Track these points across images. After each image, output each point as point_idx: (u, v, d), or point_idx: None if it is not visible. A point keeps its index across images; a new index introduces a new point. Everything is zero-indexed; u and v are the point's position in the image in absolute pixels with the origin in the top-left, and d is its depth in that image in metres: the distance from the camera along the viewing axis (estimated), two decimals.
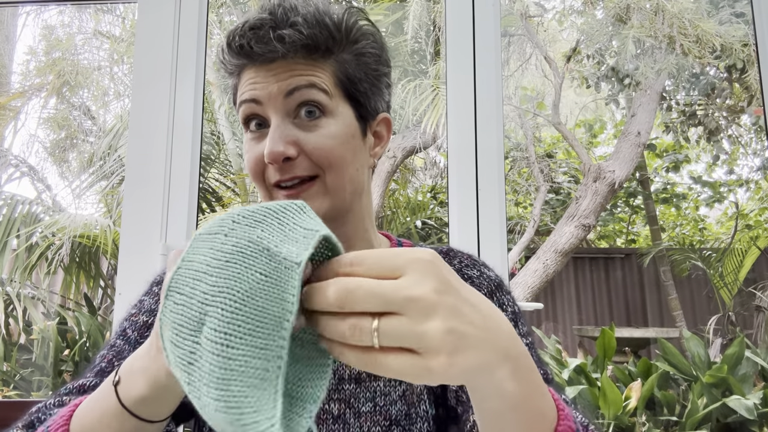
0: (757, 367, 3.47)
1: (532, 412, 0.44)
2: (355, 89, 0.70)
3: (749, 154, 6.20)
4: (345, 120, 0.69)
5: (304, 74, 0.67)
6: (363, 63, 0.71)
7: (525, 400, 0.43)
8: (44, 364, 3.66)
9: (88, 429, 0.51)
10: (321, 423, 0.69)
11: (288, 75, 0.66)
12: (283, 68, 0.67)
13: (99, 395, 0.52)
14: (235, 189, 4.99)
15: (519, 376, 0.42)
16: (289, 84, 0.66)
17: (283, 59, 0.67)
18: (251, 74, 0.68)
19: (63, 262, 4.01)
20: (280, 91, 0.66)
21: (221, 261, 0.39)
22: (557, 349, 3.95)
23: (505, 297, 0.74)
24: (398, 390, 0.70)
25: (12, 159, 4.68)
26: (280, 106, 0.67)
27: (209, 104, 4.63)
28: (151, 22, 1.72)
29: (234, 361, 0.36)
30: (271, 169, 0.67)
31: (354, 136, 0.70)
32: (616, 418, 3.18)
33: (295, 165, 0.66)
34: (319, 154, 0.66)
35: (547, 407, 0.46)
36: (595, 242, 7.11)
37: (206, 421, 0.37)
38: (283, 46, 0.65)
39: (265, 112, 0.68)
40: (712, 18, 4.37)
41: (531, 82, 5.58)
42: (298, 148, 0.66)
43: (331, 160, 0.67)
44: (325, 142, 0.67)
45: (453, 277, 0.40)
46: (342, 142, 0.68)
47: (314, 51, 0.67)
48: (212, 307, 0.38)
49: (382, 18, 4.37)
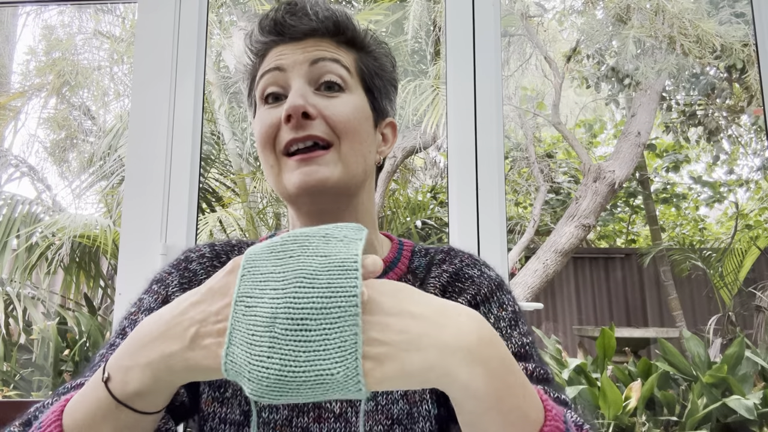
0: (757, 367, 3.47)
1: (512, 413, 0.45)
2: (372, 82, 0.74)
3: (749, 154, 6.21)
4: (362, 101, 0.72)
5: (331, 50, 0.71)
6: (381, 64, 0.76)
7: (500, 400, 0.44)
8: (44, 364, 3.66)
9: (80, 423, 0.51)
10: (323, 422, 0.69)
11: (315, 49, 0.70)
12: (311, 44, 0.71)
13: (88, 391, 0.52)
14: (235, 189, 4.99)
15: (491, 378, 0.44)
16: (316, 54, 0.69)
17: (312, 37, 0.71)
18: (279, 50, 0.71)
19: (63, 262, 4.01)
20: (305, 59, 0.69)
21: (283, 258, 0.45)
22: (557, 349, 3.95)
23: (505, 296, 0.74)
24: (400, 389, 0.70)
25: (12, 159, 4.68)
26: (303, 72, 0.69)
27: (209, 104, 4.63)
28: (151, 22, 1.72)
29: (314, 342, 0.41)
30: (284, 131, 0.68)
31: (368, 120, 0.72)
32: (616, 418, 3.18)
33: (312, 125, 0.67)
34: (337, 119, 0.68)
35: (531, 408, 0.47)
36: (595, 242, 7.11)
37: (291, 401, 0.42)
38: (316, 19, 0.70)
39: (287, 80, 0.69)
40: (712, 18, 4.37)
41: (531, 82, 5.58)
42: (318, 111, 0.68)
43: (348, 128, 0.68)
44: (344, 110, 0.69)
45: (384, 297, 0.45)
46: (358, 117, 0.70)
47: (341, 34, 0.72)
48: (283, 299, 0.43)
49: (382, 18, 4.37)
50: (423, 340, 0.43)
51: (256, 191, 4.78)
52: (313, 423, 0.69)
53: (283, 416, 0.69)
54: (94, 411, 0.50)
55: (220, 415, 0.70)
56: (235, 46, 4.68)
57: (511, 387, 0.45)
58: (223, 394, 0.71)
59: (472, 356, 0.43)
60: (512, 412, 0.45)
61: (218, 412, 0.71)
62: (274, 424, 0.69)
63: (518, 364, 0.64)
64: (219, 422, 0.70)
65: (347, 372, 0.41)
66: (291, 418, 0.69)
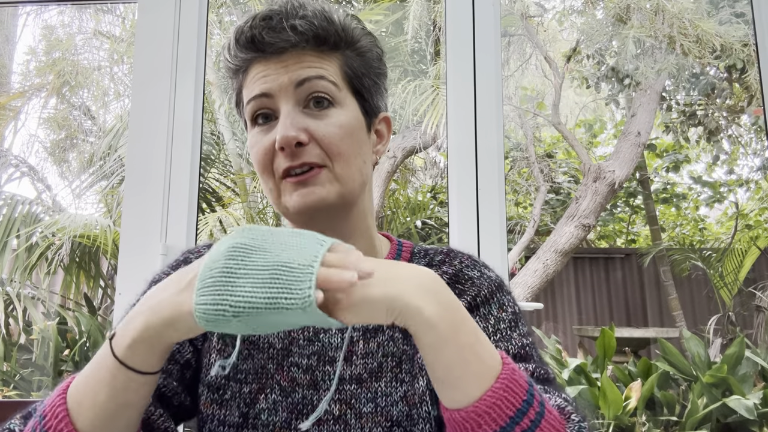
0: (757, 367, 3.47)
1: (466, 349, 0.51)
2: (360, 84, 0.73)
3: (749, 154, 6.21)
4: (352, 112, 0.71)
5: (314, 66, 0.69)
6: (366, 60, 0.74)
7: (456, 333, 0.51)
8: (44, 364, 3.66)
9: (82, 386, 0.54)
10: (322, 424, 0.69)
11: (298, 67, 0.69)
12: (293, 60, 0.69)
13: (94, 359, 0.55)
14: (235, 189, 4.99)
15: (445, 310, 0.51)
16: (300, 75, 0.68)
17: (293, 51, 0.69)
18: (260, 68, 0.70)
19: (63, 262, 4.01)
20: (290, 82, 0.68)
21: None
22: (557, 349, 3.95)
23: (505, 297, 0.74)
24: (400, 391, 0.70)
25: (12, 159, 4.67)
26: (290, 96, 0.68)
27: (209, 104, 4.63)
28: (151, 22, 1.72)
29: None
30: (280, 157, 0.68)
31: (361, 128, 0.72)
32: (616, 418, 3.18)
33: (305, 151, 0.67)
34: (329, 141, 0.68)
35: (486, 352, 0.52)
36: (595, 242, 7.11)
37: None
38: (295, 35, 0.68)
39: (275, 104, 0.69)
40: (712, 18, 4.37)
41: (531, 82, 5.58)
42: (309, 135, 0.68)
43: (341, 148, 0.69)
44: (335, 130, 0.68)
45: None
46: (350, 132, 0.70)
47: (323, 43, 0.70)
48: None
49: (382, 18, 4.37)
50: (385, 276, 0.51)
51: (256, 191, 4.78)
52: (312, 426, 0.69)
53: (282, 418, 0.69)
54: (95, 374, 0.54)
55: (219, 417, 0.71)
56: None
57: (464, 322, 0.52)
58: (222, 396, 0.71)
59: (426, 289, 0.51)
60: (466, 348, 0.51)
61: (217, 414, 0.71)
62: (273, 426, 0.69)
63: (518, 365, 0.64)
64: (218, 424, 0.70)
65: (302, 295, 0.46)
66: (290, 420, 0.69)
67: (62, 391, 0.55)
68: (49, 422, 0.54)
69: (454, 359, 0.51)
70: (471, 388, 0.51)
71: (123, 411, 0.54)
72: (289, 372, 0.71)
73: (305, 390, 0.70)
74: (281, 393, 0.70)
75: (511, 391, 0.51)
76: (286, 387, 0.70)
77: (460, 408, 0.51)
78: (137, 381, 0.53)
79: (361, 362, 0.71)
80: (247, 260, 0.49)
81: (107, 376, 0.53)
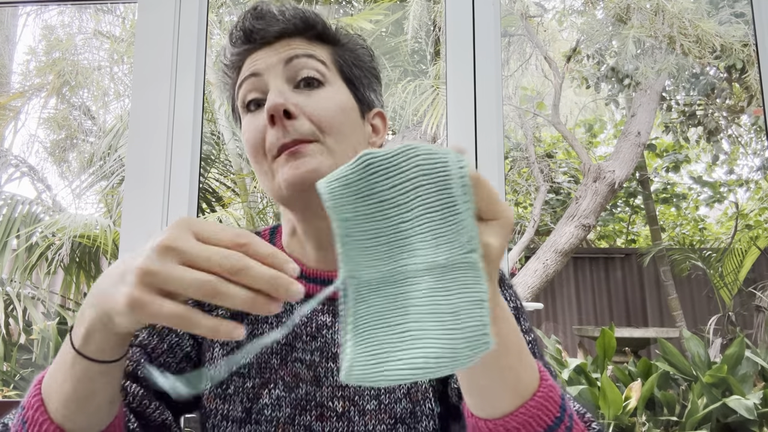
0: (757, 367, 3.47)
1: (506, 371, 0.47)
2: (351, 72, 0.73)
3: (749, 154, 6.21)
4: (343, 93, 0.71)
5: (303, 47, 0.70)
6: (357, 55, 0.75)
7: (496, 357, 0.45)
8: (44, 364, 3.66)
9: (50, 377, 0.55)
10: (325, 420, 0.69)
11: (287, 48, 0.70)
12: (283, 45, 0.70)
13: (62, 346, 0.55)
14: (235, 189, 4.99)
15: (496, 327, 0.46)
16: (289, 53, 0.69)
17: (282, 39, 0.70)
18: (253, 57, 0.71)
19: (63, 262, 4.01)
20: (279, 60, 0.69)
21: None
22: (557, 349, 3.95)
23: (506, 292, 0.74)
24: (403, 387, 0.70)
25: (12, 159, 4.67)
26: (279, 72, 0.69)
27: (209, 104, 4.63)
28: (151, 22, 1.72)
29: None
30: (271, 134, 0.67)
31: (353, 110, 0.71)
32: (616, 418, 3.18)
33: (296, 126, 0.66)
34: (319, 115, 0.67)
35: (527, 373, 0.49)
36: (595, 242, 7.11)
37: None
38: (284, 18, 0.70)
39: (264, 84, 0.69)
40: (712, 18, 4.37)
41: (531, 82, 5.58)
42: (299, 109, 0.67)
43: (332, 123, 0.67)
44: (326, 105, 0.68)
45: None
46: (341, 110, 0.69)
47: (311, 29, 0.71)
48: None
49: (382, 18, 4.37)
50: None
51: (256, 191, 4.78)
52: (315, 421, 0.68)
53: (285, 414, 0.69)
54: (60, 365, 0.53)
55: (222, 412, 0.70)
56: None
57: (509, 338, 0.47)
58: (225, 391, 0.71)
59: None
60: (506, 370, 0.47)
61: (220, 409, 0.71)
62: (277, 422, 0.69)
63: None
64: (221, 419, 0.70)
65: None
66: (294, 416, 0.69)
67: (37, 382, 0.56)
68: (27, 413, 0.54)
69: (491, 379, 0.47)
70: (504, 403, 0.48)
71: (89, 399, 0.53)
72: (292, 367, 0.71)
73: (308, 386, 0.70)
74: (285, 388, 0.70)
75: (545, 409, 0.49)
76: (290, 382, 0.70)
77: (487, 418, 0.49)
78: (94, 370, 0.52)
79: None
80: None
81: (68, 366, 0.52)
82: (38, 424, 0.53)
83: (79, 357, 0.51)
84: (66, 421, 0.53)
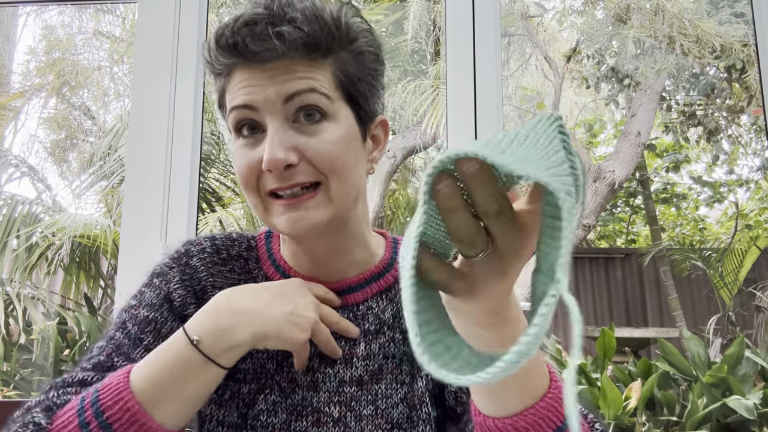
0: (757, 367, 3.47)
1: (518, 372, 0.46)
2: (355, 90, 0.67)
3: (749, 154, 6.21)
4: (346, 123, 0.66)
5: (304, 77, 0.63)
6: (362, 62, 0.68)
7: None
8: (44, 364, 3.66)
9: (158, 385, 0.59)
10: (321, 426, 0.68)
11: (286, 78, 0.62)
12: (281, 70, 0.62)
13: (166, 356, 0.61)
14: (235, 189, 4.99)
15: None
16: (288, 89, 0.62)
17: (280, 59, 0.62)
18: (244, 76, 0.64)
19: (63, 262, 4.01)
20: (278, 96, 0.62)
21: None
22: (557, 349, 3.95)
23: None
24: (400, 393, 0.69)
25: (12, 159, 4.67)
26: (278, 111, 0.63)
27: (209, 104, 4.62)
28: (151, 22, 1.72)
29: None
30: (268, 177, 0.64)
31: (355, 140, 0.67)
32: (616, 418, 3.18)
33: (296, 172, 0.63)
34: (321, 159, 0.63)
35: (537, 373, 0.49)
36: (595, 242, 7.11)
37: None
38: (283, 44, 0.61)
39: (261, 118, 0.64)
40: (712, 18, 4.37)
41: (531, 82, 5.58)
42: (299, 154, 0.63)
43: (335, 165, 0.63)
44: (328, 147, 0.63)
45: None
46: (344, 147, 0.65)
47: (314, 50, 0.63)
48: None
49: (382, 18, 4.37)
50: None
51: None
52: (311, 427, 0.68)
53: (281, 420, 0.68)
54: (180, 371, 0.60)
55: (218, 417, 0.70)
56: None
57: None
58: (221, 396, 0.70)
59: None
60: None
61: (215, 414, 0.70)
62: (272, 428, 0.68)
63: None
64: (216, 424, 0.70)
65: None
66: (289, 421, 0.68)
67: (124, 384, 0.59)
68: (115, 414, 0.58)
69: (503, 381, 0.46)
70: (514, 403, 0.48)
71: (201, 401, 0.63)
72: (289, 372, 0.70)
73: (305, 391, 0.69)
74: (281, 394, 0.69)
75: (554, 411, 0.48)
76: (286, 388, 0.70)
77: (496, 417, 0.49)
78: (220, 374, 0.62)
79: (362, 364, 0.70)
80: None
81: (194, 373, 0.60)
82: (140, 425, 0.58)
83: (214, 365, 0.61)
84: (173, 421, 0.60)
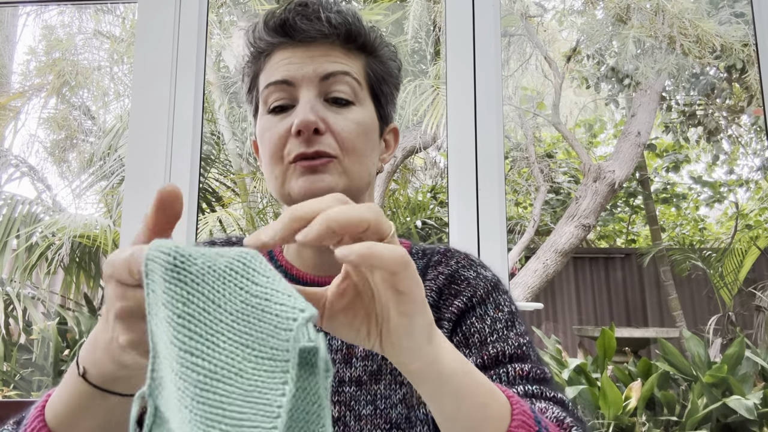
0: (757, 367, 3.47)
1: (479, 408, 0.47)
2: (380, 89, 0.74)
3: (749, 154, 6.21)
4: (370, 113, 0.72)
5: (340, 61, 0.70)
6: (388, 68, 0.75)
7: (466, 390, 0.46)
8: (44, 364, 3.66)
9: (62, 417, 0.51)
10: None
11: (324, 60, 0.69)
12: (321, 51, 0.69)
13: (67, 386, 0.51)
14: (235, 189, 5.00)
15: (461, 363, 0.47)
16: (326, 69, 0.69)
17: (321, 43, 0.69)
18: (286, 54, 0.70)
19: (63, 262, 4.01)
20: (316, 74, 0.68)
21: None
22: (557, 349, 3.95)
23: (501, 297, 0.73)
24: (398, 393, 0.70)
25: (12, 159, 4.68)
26: (313, 86, 0.68)
27: (209, 104, 4.63)
28: (151, 22, 1.72)
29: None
30: (293, 143, 0.68)
31: (375, 130, 0.73)
32: (616, 418, 3.18)
33: (320, 140, 0.67)
34: (345, 135, 0.68)
35: (496, 405, 0.48)
36: (595, 242, 7.11)
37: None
38: (329, 27, 0.68)
39: (295, 93, 0.69)
40: (712, 18, 4.37)
41: (531, 82, 5.58)
42: (327, 125, 0.68)
43: (356, 144, 0.69)
44: (352, 126, 0.69)
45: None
46: (366, 131, 0.71)
47: (352, 41, 0.71)
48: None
49: (382, 18, 4.37)
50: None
51: (256, 191, 4.79)
52: None
53: None
54: (76, 402, 0.50)
55: None
56: (235, 46, 4.68)
57: (461, 361, 0.48)
58: None
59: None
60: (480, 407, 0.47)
61: None
62: None
63: (515, 364, 0.64)
64: None
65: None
66: None
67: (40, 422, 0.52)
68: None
69: (452, 407, 0.47)
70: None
71: (121, 427, 0.52)
72: None
73: None
74: None
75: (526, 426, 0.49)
76: None
77: None
78: (127, 400, 0.50)
79: (361, 364, 0.70)
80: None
81: (92, 404, 0.50)
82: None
83: (111, 394, 0.51)
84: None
